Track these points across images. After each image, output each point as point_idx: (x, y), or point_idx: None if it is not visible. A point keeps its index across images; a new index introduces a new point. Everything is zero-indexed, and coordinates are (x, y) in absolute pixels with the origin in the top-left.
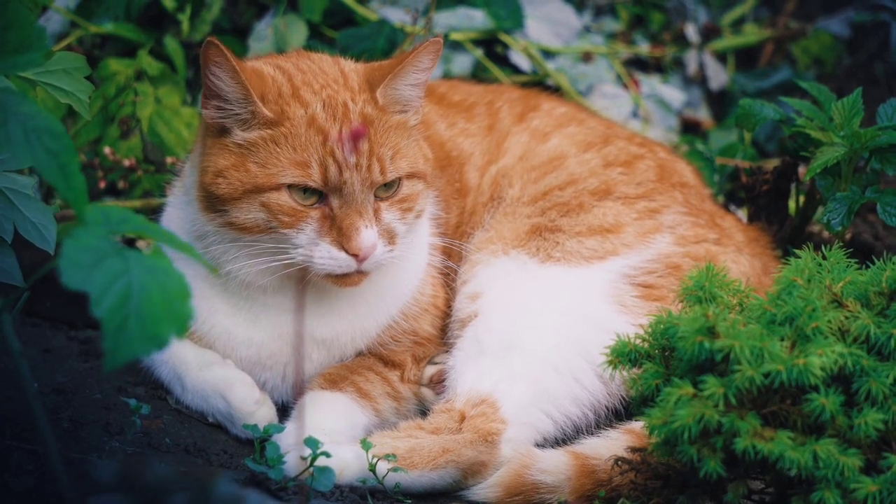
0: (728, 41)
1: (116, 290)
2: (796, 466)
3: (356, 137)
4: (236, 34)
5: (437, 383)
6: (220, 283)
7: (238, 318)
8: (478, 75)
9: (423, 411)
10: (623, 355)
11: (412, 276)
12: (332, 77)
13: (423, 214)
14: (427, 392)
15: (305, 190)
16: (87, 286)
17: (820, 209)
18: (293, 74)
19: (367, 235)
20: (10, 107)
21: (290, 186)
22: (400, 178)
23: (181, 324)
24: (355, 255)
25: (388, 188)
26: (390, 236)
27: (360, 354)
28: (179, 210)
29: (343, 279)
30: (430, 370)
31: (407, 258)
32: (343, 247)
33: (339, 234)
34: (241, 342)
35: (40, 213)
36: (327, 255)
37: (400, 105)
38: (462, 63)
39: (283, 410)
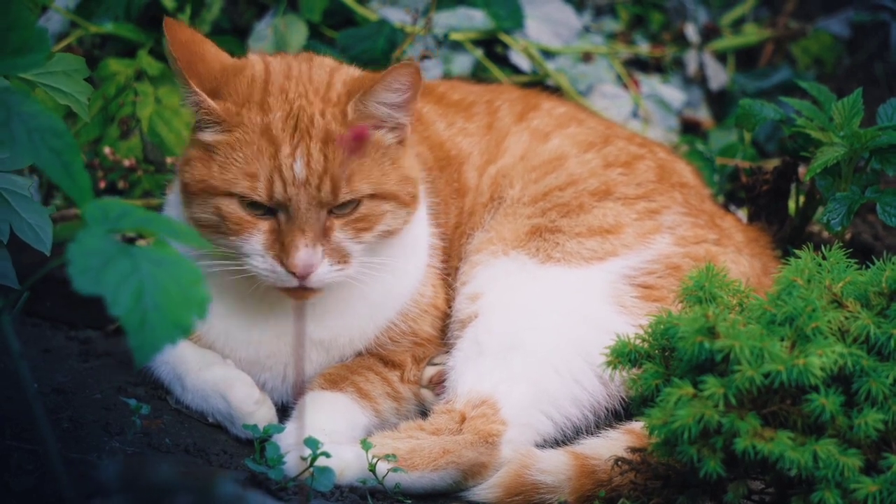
0: (728, 41)
1: (129, 288)
2: (796, 466)
3: (357, 139)
4: (236, 34)
5: (437, 385)
6: (218, 283)
7: (236, 318)
8: (478, 75)
9: (424, 412)
10: (623, 356)
11: (410, 277)
12: (315, 86)
13: (398, 233)
14: (427, 393)
15: (253, 202)
16: (100, 289)
17: (820, 209)
18: (274, 78)
19: (304, 255)
20: (13, 106)
21: (240, 196)
22: (360, 198)
23: (201, 307)
24: (293, 273)
25: (343, 207)
26: (341, 255)
27: (359, 355)
28: (174, 209)
29: (293, 293)
30: (429, 371)
31: (404, 257)
32: (283, 262)
33: (281, 249)
34: (240, 342)
35: (37, 214)
36: (269, 269)
37: (373, 122)
38: (462, 63)
39: (283, 411)
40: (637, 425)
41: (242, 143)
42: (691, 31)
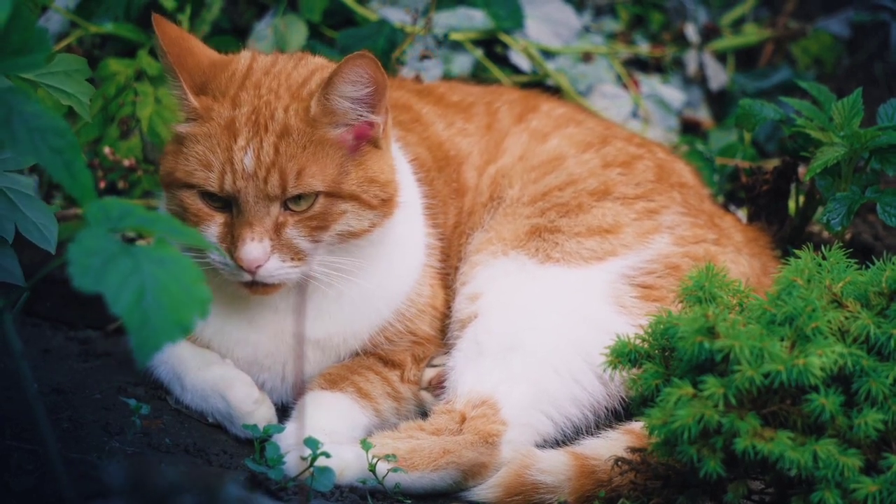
0: (728, 41)
1: (131, 287)
2: (796, 466)
3: (359, 137)
4: (236, 34)
5: (437, 387)
6: (215, 281)
7: (233, 317)
8: (478, 75)
9: (424, 412)
10: (623, 356)
11: (405, 277)
12: (291, 82)
13: (365, 235)
14: (426, 395)
15: (209, 194)
16: (101, 288)
17: (820, 209)
18: (255, 73)
19: (250, 248)
20: (15, 106)
21: (197, 187)
22: (315, 195)
23: (202, 306)
24: (240, 266)
25: (297, 203)
26: (294, 252)
27: (357, 355)
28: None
29: (249, 287)
30: (428, 373)
31: (395, 257)
32: (232, 255)
33: (231, 242)
34: (237, 342)
35: (41, 213)
36: (222, 261)
37: (337, 118)
38: (462, 63)
39: (283, 411)
40: (637, 425)
41: (207, 135)
42: (691, 31)
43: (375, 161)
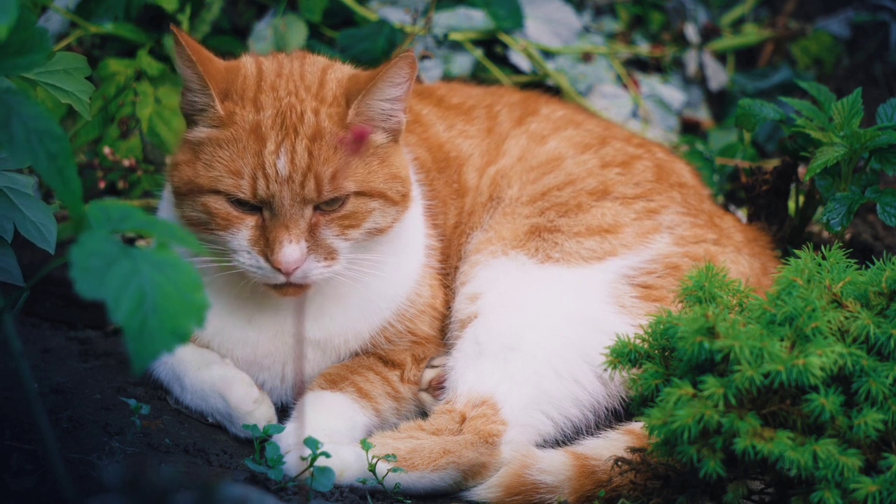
0: (728, 41)
1: (131, 292)
2: (796, 466)
3: (358, 139)
4: (236, 34)
5: (436, 388)
6: (215, 281)
7: (233, 316)
8: (478, 75)
9: (424, 412)
10: (623, 355)
11: (406, 277)
12: (306, 83)
13: (388, 231)
14: (426, 397)
15: (238, 199)
16: (102, 293)
17: (819, 209)
18: (267, 76)
19: (289, 251)
20: (14, 107)
21: (226, 193)
22: (346, 196)
23: (199, 314)
24: (278, 269)
25: (330, 203)
26: (328, 252)
27: (356, 355)
28: (167, 213)
29: (281, 290)
30: (428, 374)
31: (398, 256)
32: (268, 258)
33: (266, 245)
34: (237, 341)
35: (41, 213)
36: (255, 265)
37: (373, 121)
38: (462, 63)
39: (283, 411)
40: (637, 425)
41: (231, 140)
42: (691, 31)
43: (396, 157)
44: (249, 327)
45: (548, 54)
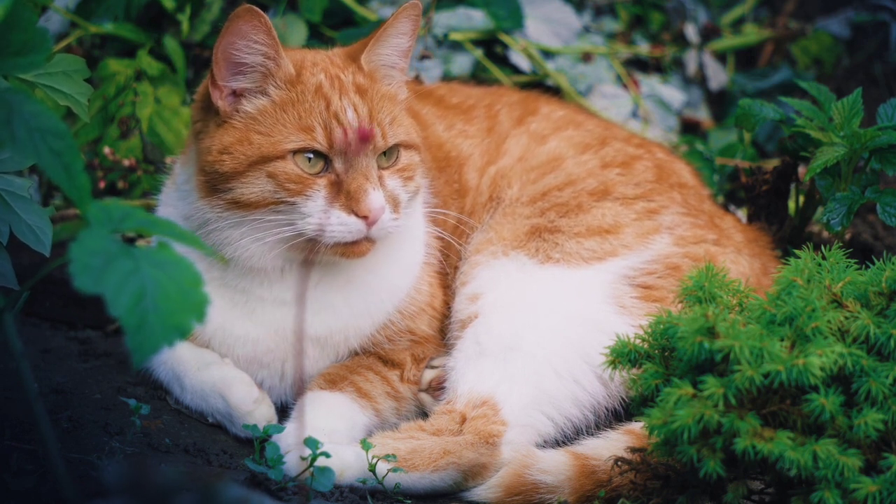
0: (728, 41)
1: (130, 289)
2: (796, 466)
3: (363, 138)
4: None
5: (436, 389)
6: (217, 278)
7: (234, 313)
8: (477, 75)
9: (424, 412)
10: (623, 356)
11: (406, 271)
12: (321, 58)
13: (419, 193)
14: (426, 397)
15: (311, 157)
16: (101, 289)
17: (819, 209)
18: (292, 54)
19: (375, 197)
20: (15, 106)
21: (295, 153)
22: (398, 147)
23: (199, 310)
24: (365, 218)
25: (387, 157)
26: (395, 203)
27: (355, 353)
28: (171, 207)
29: (351, 248)
30: (428, 375)
31: (401, 251)
32: (353, 210)
33: (348, 197)
34: (238, 339)
35: (36, 216)
36: (337, 222)
37: (384, 73)
38: (462, 63)
39: (283, 411)
40: (637, 425)
41: (295, 101)
42: (691, 31)
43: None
44: (251, 324)
45: (548, 54)
